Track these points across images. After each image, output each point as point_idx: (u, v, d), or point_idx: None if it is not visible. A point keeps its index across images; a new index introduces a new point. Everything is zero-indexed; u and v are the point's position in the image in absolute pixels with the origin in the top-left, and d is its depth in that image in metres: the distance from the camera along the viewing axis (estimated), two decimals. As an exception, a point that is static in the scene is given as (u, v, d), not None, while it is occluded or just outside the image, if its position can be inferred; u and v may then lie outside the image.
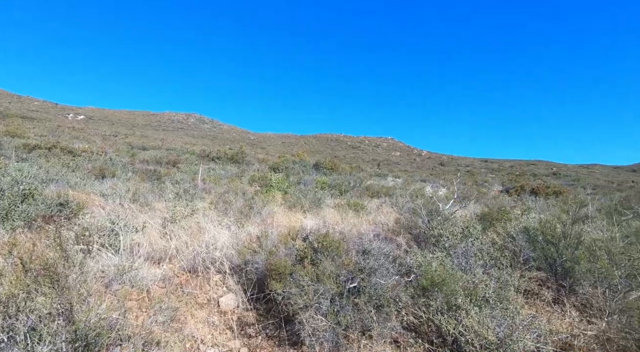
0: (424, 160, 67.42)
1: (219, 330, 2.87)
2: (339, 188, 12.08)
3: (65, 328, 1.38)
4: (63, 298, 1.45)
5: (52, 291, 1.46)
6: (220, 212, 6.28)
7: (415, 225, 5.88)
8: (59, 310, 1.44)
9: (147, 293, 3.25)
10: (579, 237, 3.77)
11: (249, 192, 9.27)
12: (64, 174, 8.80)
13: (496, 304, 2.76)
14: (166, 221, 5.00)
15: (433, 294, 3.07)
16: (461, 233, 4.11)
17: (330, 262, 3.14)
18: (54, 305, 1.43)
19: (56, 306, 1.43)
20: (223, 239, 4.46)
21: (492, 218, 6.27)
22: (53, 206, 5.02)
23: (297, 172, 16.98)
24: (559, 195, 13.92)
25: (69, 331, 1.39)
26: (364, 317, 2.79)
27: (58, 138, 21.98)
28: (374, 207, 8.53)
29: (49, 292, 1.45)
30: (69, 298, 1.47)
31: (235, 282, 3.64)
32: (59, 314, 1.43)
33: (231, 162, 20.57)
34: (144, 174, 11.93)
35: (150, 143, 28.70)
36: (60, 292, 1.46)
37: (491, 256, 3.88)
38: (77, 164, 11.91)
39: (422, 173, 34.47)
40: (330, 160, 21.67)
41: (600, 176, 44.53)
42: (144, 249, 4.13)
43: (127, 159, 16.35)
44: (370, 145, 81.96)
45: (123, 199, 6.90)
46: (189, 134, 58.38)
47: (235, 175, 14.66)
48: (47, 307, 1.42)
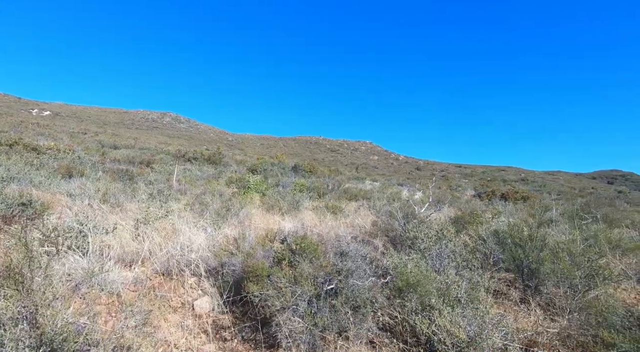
0: (401, 164, 68.83)
1: (193, 334, 2.80)
2: (318, 191, 12.12)
3: (29, 333, 1.31)
4: (28, 301, 1.38)
5: (17, 293, 1.38)
6: (197, 214, 6.14)
7: (392, 228, 6.00)
8: (23, 314, 1.36)
9: (117, 297, 3.12)
10: (543, 239, 3.98)
11: (227, 193, 9.13)
12: (27, 172, 8.31)
13: (467, 304, 2.87)
14: (139, 222, 4.83)
15: (408, 295, 3.14)
16: (435, 235, 4.23)
17: (308, 264, 3.15)
18: (17, 309, 1.35)
19: (19, 310, 1.36)
20: (199, 241, 4.37)
21: (464, 221, 6.50)
22: (14, 206, 4.74)
23: (276, 174, 16.89)
24: (527, 200, 14.62)
25: (33, 336, 1.32)
26: (341, 318, 2.81)
27: (21, 134, 20.72)
28: (352, 210, 8.62)
29: (12, 294, 1.37)
30: (34, 301, 1.39)
31: (211, 285, 3.57)
32: (23, 318, 1.35)
33: (208, 163, 20.15)
34: (116, 174, 11.46)
35: (122, 142, 27.61)
36: (25, 295, 1.38)
37: (463, 257, 4.02)
38: (42, 162, 11.28)
39: (399, 177, 35.18)
40: (309, 163, 21.69)
41: (564, 182, 47.18)
42: (114, 252, 3.97)
43: (97, 157, 15.66)
44: (349, 149, 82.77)
45: (92, 199, 6.59)
46: (164, 134, 56.66)
47: (212, 176, 14.37)
48: (11, 311, 1.33)
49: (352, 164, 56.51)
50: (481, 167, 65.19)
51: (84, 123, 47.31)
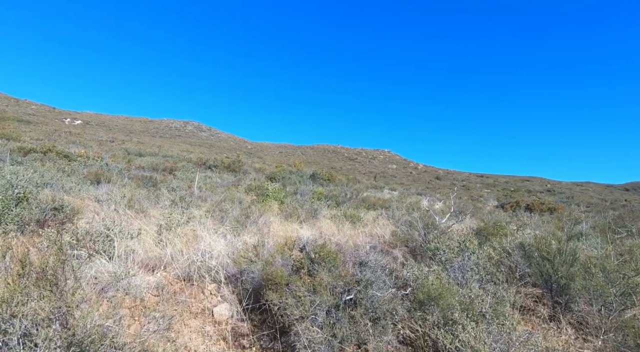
0: (420, 173, 67.76)
1: (213, 340, 2.82)
2: (336, 199, 12.08)
3: (61, 333, 1.36)
4: (61, 302, 1.43)
5: (51, 294, 1.44)
6: (217, 221, 6.25)
7: (411, 238, 5.88)
8: (55, 314, 1.42)
9: (140, 301, 3.20)
10: (574, 254, 3.79)
11: (246, 201, 9.24)
12: (59, 178, 8.73)
13: (493, 320, 2.75)
14: (162, 228, 4.96)
15: (429, 308, 3.06)
16: (458, 247, 4.11)
17: (327, 273, 3.13)
18: (51, 309, 1.41)
19: (52, 310, 1.41)
20: (219, 247, 4.43)
21: (488, 233, 6.29)
22: (47, 210, 4.97)
23: (294, 182, 16.98)
24: (554, 212, 14.03)
25: (64, 336, 1.36)
26: (360, 330, 2.76)
27: (54, 142, 21.87)
28: (370, 219, 8.52)
29: (48, 295, 1.43)
30: (66, 302, 1.45)
31: (230, 292, 3.60)
32: (55, 319, 1.41)
33: (228, 170, 20.53)
34: (140, 181, 11.86)
35: (147, 149, 28.62)
36: (58, 296, 1.44)
37: (487, 270, 3.89)
38: (73, 168, 11.83)
39: (418, 186, 34.59)
40: (327, 171, 21.72)
41: (593, 193, 44.97)
42: (138, 256, 4.09)
43: (123, 164, 16.27)
44: (367, 157, 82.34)
45: (118, 205, 6.84)
46: (187, 142, 58.34)
47: (231, 183, 14.62)
48: (45, 311, 1.39)
49: (370, 173, 56.13)
50: (504, 177, 63.21)
51: (111, 131, 49.43)
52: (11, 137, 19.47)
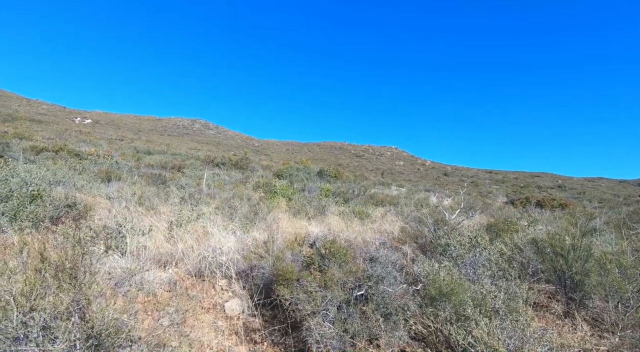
0: (427, 170, 67.26)
1: (225, 335, 2.84)
2: (343, 196, 12.06)
3: (80, 326, 1.38)
4: (81, 295, 1.46)
5: (71, 287, 1.46)
6: (226, 217, 6.28)
7: (421, 234, 5.84)
8: (74, 307, 1.44)
9: (153, 296, 3.23)
10: (588, 250, 3.72)
11: (254, 198, 9.28)
12: (71, 176, 8.86)
13: (506, 316, 2.72)
14: (172, 225, 5.01)
15: (441, 303, 3.04)
16: (469, 243, 4.07)
17: (338, 269, 3.13)
18: (71, 302, 1.43)
19: (72, 304, 1.43)
20: (229, 244, 4.45)
21: (498, 229, 6.22)
22: (61, 208, 5.05)
23: (301, 179, 16.99)
24: (565, 208, 13.80)
25: (83, 329, 1.39)
26: (372, 325, 2.75)
27: (65, 141, 22.22)
28: (378, 216, 8.49)
29: (68, 288, 1.45)
30: (86, 295, 1.47)
31: (240, 287, 3.62)
32: (74, 312, 1.43)
33: (235, 168, 20.64)
34: (150, 178, 11.99)
35: (155, 148, 28.91)
36: (78, 289, 1.46)
37: (499, 266, 3.84)
38: (84, 166, 12.01)
39: (426, 183, 34.35)
40: (334, 168, 21.68)
41: (606, 189, 44.13)
42: (150, 252, 4.13)
43: (132, 162, 16.46)
44: (374, 154, 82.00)
45: (129, 202, 6.92)
46: (194, 140, 58.78)
47: (239, 181, 14.70)
48: (64, 304, 1.42)
49: (377, 170, 55.91)
50: (513, 173, 62.41)
51: (120, 130, 50.04)
52: (24, 136, 19.85)
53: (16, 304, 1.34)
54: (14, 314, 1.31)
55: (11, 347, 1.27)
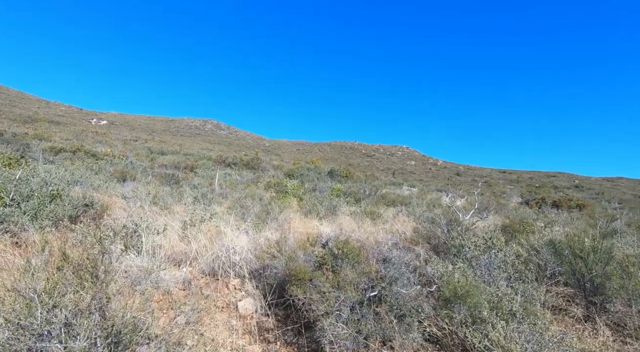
0: (439, 169, 66.44)
1: (239, 334, 2.86)
2: (354, 196, 12.02)
3: (101, 323, 1.41)
4: (101, 293, 1.49)
5: (93, 285, 1.49)
6: (238, 217, 6.33)
7: (434, 235, 5.78)
8: (95, 305, 1.47)
9: (168, 295, 3.28)
10: (609, 252, 3.61)
11: (266, 198, 9.33)
12: (88, 176, 9.08)
13: (523, 319, 2.66)
14: (186, 224, 5.08)
15: (456, 306, 2.99)
16: (484, 244, 4.00)
17: (351, 269, 3.11)
18: (92, 300, 1.47)
19: (92, 302, 1.47)
20: (241, 243, 4.49)
21: (514, 230, 6.10)
22: (79, 207, 5.18)
23: (312, 179, 17.01)
24: (583, 208, 13.44)
25: (104, 326, 1.42)
26: (385, 326, 2.73)
27: (82, 142, 22.79)
28: (390, 216, 8.42)
29: (89, 286, 1.49)
30: (106, 293, 1.50)
31: (253, 287, 3.64)
32: (95, 309, 1.46)
33: (247, 168, 20.81)
34: (163, 178, 12.19)
35: (168, 148, 29.39)
36: (99, 287, 1.50)
37: (516, 268, 3.76)
38: (100, 167, 12.29)
39: (438, 183, 33.95)
40: (345, 168, 21.63)
41: (626, 189, 42.76)
42: (164, 252, 4.20)
43: (146, 163, 16.77)
44: (385, 153, 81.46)
45: (144, 201, 7.04)
46: (206, 140, 59.51)
47: (251, 180, 14.81)
48: (85, 302, 1.45)
49: (388, 169, 55.54)
50: (528, 173, 61.09)
51: (135, 131, 51.05)
52: (43, 137, 20.45)
53: (40, 301, 1.38)
54: (37, 311, 1.35)
55: (36, 344, 1.31)
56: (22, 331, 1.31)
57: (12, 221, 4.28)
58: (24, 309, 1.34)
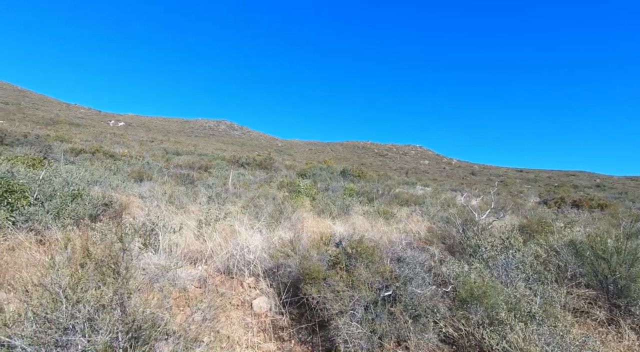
0: (453, 169, 65.42)
1: (254, 332, 2.89)
2: (367, 195, 11.96)
3: (122, 318, 1.46)
4: (123, 290, 1.53)
5: (115, 281, 1.54)
6: (252, 216, 6.39)
7: (449, 235, 5.69)
8: (116, 300, 1.52)
9: (184, 292, 3.34)
10: (634, 253, 3.48)
11: (279, 197, 9.39)
12: (106, 176, 9.33)
13: (543, 321, 2.59)
14: (201, 223, 5.16)
15: (472, 306, 2.94)
16: (501, 244, 3.92)
17: (365, 269, 3.10)
18: (114, 296, 1.51)
19: (113, 297, 1.51)
20: (255, 242, 4.53)
21: (532, 230, 5.95)
22: (99, 206, 5.32)
23: (325, 178, 17.01)
24: (605, 208, 12.99)
25: (125, 321, 1.46)
26: (400, 326, 2.71)
27: (101, 143, 23.45)
28: (403, 216, 8.35)
29: (111, 282, 1.53)
30: (128, 289, 1.55)
31: (267, 285, 3.67)
32: (117, 305, 1.51)
33: (260, 167, 20.97)
34: (178, 178, 12.42)
35: (183, 148, 29.91)
36: (121, 283, 1.54)
37: (534, 269, 3.67)
38: (118, 167, 12.62)
39: (453, 182, 33.43)
40: (358, 168, 21.55)
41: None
42: (181, 250, 4.27)
43: (162, 163, 17.11)
44: (398, 153, 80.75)
45: (160, 201, 7.19)
46: (220, 140, 60.30)
47: (264, 180, 14.92)
48: (107, 298, 1.50)
49: (401, 169, 55.04)
50: (546, 172, 59.46)
51: (151, 132, 52.17)
52: (64, 139, 21.13)
53: (65, 296, 1.43)
54: (63, 306, 1.40)
55: (62, 337, 1.36)
56: (49, 324, 1.36)
57: (36, 219, 4.44)
58: (50, 303, 1.40)
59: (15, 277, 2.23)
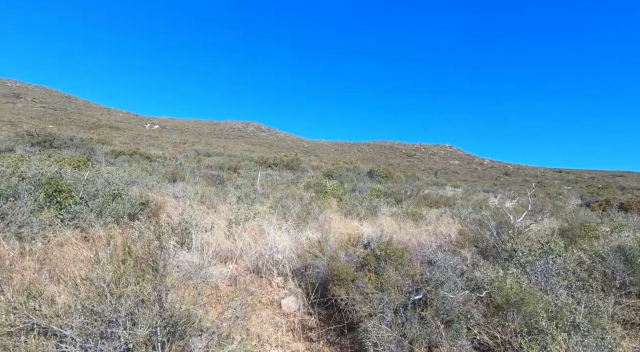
0: (485, 169, 62.90)
1: (283, 331, 2.92)
2: (395, 197, 11.77)
3: (161, 314, 1.53)
4: (162, 286, 1.61)
5: (154, 278, 1.62)
6: (280, 217, 6.48)
7: (481, 238, 5.47)
8: (155, 297, 1.59)
9: (216, 290, 3.44)
10: (694, 261, 3.17)
11: (306, 198, 9.45)
12: (143, 177, 9.82)
13: (589, 332, 2.42)
14: (231, 223, 5.29)
15: (508, 313, 2.81)
16: (540, 249, 3.71)
17: (394, 271, 3.05)
18: (153, 291, 1.59)
19: (154, 293, 1.59)
20: (284, 242, 4.58)
21: (574, 234, 5.59)
22: (136, 205, 5.61)
23: (351, 179, 16.93)
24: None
25: (163, 316, 1.53)
26: (432, 332, 2.64)
27: (138, 145, 24.72)
28: (433, 218, 8.13)
29: (151, 278, 1.61)
30: (166, 285, 1.62)
31: (296, 285, 3.70)
32: (155, 300, 1.58)
33: (287, 168, 21.23)
34: (209, 179, 12.83)
35: (213, 150, 30.88)
36: (159, 279, 1.62)
37: (577, 276, 3.44)
38: (153, 168, 13.25)
39: (485, 183, 32.14)
40: (385, 168, 21.25)
41: None
42: (212, 248, 4.41)
43: (194, 164, 17.76)
44: (426, 153, 78.81)
45: (192, 201, 7.46)
46: (248, 142, 61.73)
47: (291, 181, 15.08)
48: (146, 293, 1.57)
49: (430, 169, 53.67)
50: (589, 173, 55.69)
51: (183, 134, 54.34)
52: (105, 141, 22.48)
53: (109, 291, 1.52)
54: (107, 300, 1.49)
55: (107, 329, 1.45)
56: (95, 316, 1.46)
57: (81, 217, 4.75)
58: (96, 297, 1.49)
59: (64, 271, 2.40)
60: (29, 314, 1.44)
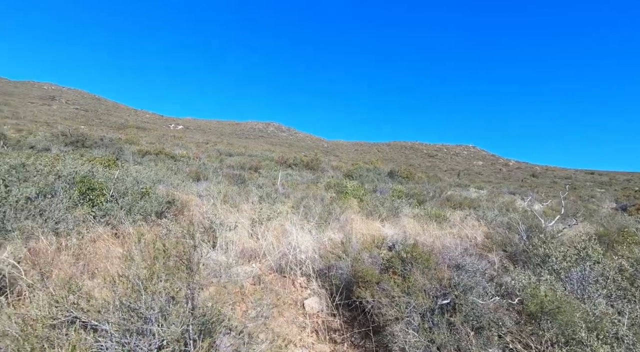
0: (511, 170, 60.76)
1: (307, 332, 2.92)
2: (417, 198, 11.55)
3: (193, 311, 1.55)
4: (194, 284, 1.64)
5: (188, 276, 1.65)
6: (301, 217, 6.49)
7: (510, 241, 5.28)
8: (188, 295, 1.62)
9: (240, 289, 3.48)
10: None
11: (326, 198, 9.43)
12: (168, 176, 10.10)
13: (634, 345, 2.27)
14: (254, 222, 5.34)
15: (543, 322, 2.68)
16: (577, 255, 3.52)
17: (421, 274, 2.97)
18: (187, 289, 1.62)
19: (187, 291, 1.62)
20: (306, 242, 4.58)
21: (610, 240, 5.29)
22: (163, 204, 5.77)
23: (372, 180, 16.77)
24: (703, 217, 11.12)
25: (195, 314, 1.55)
26: (461, 338, 2.55)
27: (163, 145, 25.50)
28: (457, 220, 7.92)
29: (184, 276, 1.64)
30: (199, 283, 1.65)
31: (319, 286, 3.69)
32: (188, 298, 1.61)
33: (307, 168, 21.28)
34: (231, 178, 13.05)
35: (235, 150, 31.43)
36: (191, 278, 1.65)
37: (618, 285, 3.24)
38: (178, 167, 13.61)
39: (510, 185, 31.06)
40: (406, 169, 20.93)
41: None
42: (236, 247, 4.46)
43: (216, 163, 18.12)
44: (449, 153, 77.04)
45: (216, 200, 7.59)
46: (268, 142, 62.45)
47: (311, 181, 15.11)
48: (177, 290, 1.60)
49: (452, 170, 52.42)
50: (624, 174, 52.69)
51: (206, 134, 55.65)
52: (132, 141, 23.35)
53: (144, 288, 1.56)
54: (143, 296, 1.53)
55: (143, 326, 1.48)
56: (131, 312, 1.50)
57: (112, 214, 4.93)
58: (132, 293, 1.54)
59: (98, 267, 2.48)
60: (70, 308, 1.50)
